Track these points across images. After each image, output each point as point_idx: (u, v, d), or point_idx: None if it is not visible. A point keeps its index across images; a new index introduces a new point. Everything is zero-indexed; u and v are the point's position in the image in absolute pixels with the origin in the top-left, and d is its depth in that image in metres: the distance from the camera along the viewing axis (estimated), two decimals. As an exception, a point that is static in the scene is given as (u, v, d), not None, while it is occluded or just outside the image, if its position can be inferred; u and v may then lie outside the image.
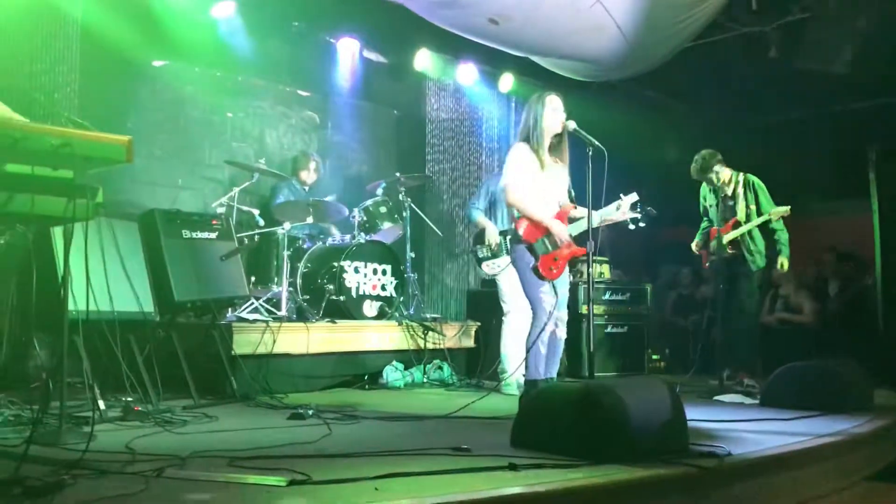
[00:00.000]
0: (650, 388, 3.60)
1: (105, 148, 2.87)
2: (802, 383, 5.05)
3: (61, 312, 3.40)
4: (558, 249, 4.58)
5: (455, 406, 4.77)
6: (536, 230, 4.57)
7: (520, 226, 4.59)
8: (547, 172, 4.65)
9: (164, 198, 6.41)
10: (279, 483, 2.69)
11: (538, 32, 6.39)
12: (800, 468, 3.69)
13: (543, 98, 4.66)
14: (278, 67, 7.53)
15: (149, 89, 6.71)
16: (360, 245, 6.50)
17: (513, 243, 4.67)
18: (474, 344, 6.94)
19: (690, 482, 3.13)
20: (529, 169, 4.61)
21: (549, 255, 4.55)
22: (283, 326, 5.62)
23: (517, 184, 4.59)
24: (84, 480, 2.70)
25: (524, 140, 4.67)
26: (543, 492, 2.73)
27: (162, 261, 4.86)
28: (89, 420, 3.53)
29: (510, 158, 4.69)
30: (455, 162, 8.61)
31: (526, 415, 3.71)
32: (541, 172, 4.62)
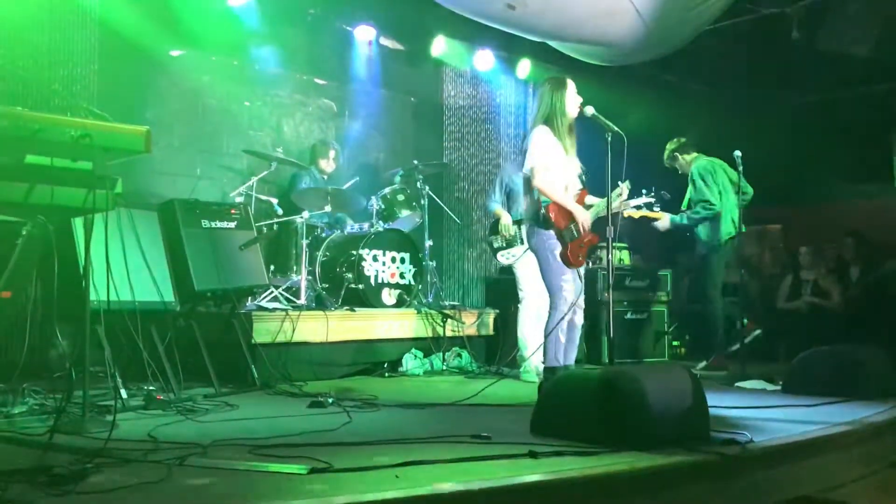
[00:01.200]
0: (671, 374, 3.58)
1: (124, 138, 2.88)
2: (825, 369, 4.99)
3: (83, 302, 3.43)
4: (581, 237, 4.55)
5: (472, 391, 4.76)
6: (564, 216, 4.53)
7: (550, 211, 4.51)
8: (568, 157, 4.62)
9: (183, 188, 6.43)
10: (300, 471, 2.70)
11: (555, 17, 6.34)
12: (823, 455, 3.66)
13: (565, 82, 4.62)
14: (295, 56, 7.53)
15: (166, 79, 6.73)
16: (379, 233, 6.50)
17: (539, 229, 4.58)
18: (493, 331, 6.93)
19: (712, 469, 3.11)
20: (554, 152, 4.55)
21: (575, 242, 4.52)
22: (303, 315, 5.64)
23: (544, 167, 4.51)
24: (108, 468, 2.73)
25: (545, 123, 4.61)
26: (564, 479, 2.72)
27: (182, 250, 4.88)
28: (112, 409, 3.57)
29: (535, 141, 4.57)
30: (473, 149, 8.58)
31: (546, 402, 3.70)
32: (564, 157, 4.58)
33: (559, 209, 4.52)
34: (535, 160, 4.53)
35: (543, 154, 4.53)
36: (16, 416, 3.74)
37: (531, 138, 4.61)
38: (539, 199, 4.57)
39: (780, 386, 5.32)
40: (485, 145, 8.67)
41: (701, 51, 7.46)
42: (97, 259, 3.33)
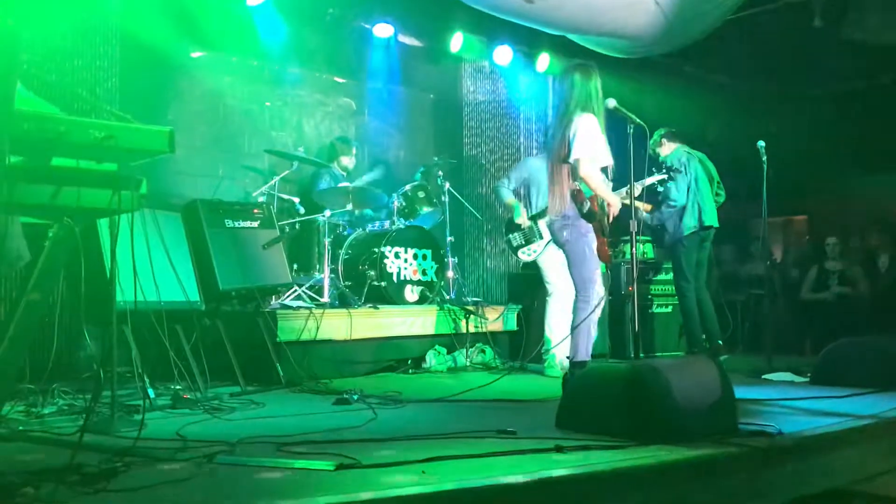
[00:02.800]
0: (698, 367, 3.55)
1: (147, 139, 2.90)
2: (855, 360, 4.93)
3: (110, 303, 3.45)
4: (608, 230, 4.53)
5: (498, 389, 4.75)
6: (602, 210, 4.48)
7: (594, 204, 4.44)
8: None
9: (206, 188, 6.48)
10: (327, 467, 2.71)
11: (574, 9, 6.32)
12: (853, 447, 3.61)
13: (595, 69, 4.56)
14: (314, 55, 7.56)
15: (188, 81, 6.78)
16: (400, 230, 6.51)
17: (578, 222, 4.49)
18: (517, 326, 6.92)
19: (741, 462, 3.08)
20: (601, 142, 4.44)
21: (606, 237, 4.50)
22: (326, 313, 5.65)
23: (591, 157, 4.40)
24: (137, 467, 2.75)
25: (587, 111, 4.48)
26: (591, 473, 2.71)
27: (206, 250, 4.92)
28: (140, 408, 3.60)
29: (584, 129, 4.41)
30: (493, 144, 8.57)
31: (571, 396, 3.69)
32: (606, 146, 4.52)
33: (600, 202, 4.47)
34: (583, 150, 4.39)
35: (592, 144, 4.41)
36: (46, 416, 3.79)
37: (579, 126, 4.44)
38: (581, 190, 4.46)
39: (808, 378, 5.27)
40: (504, 140, 8.65)
41: (721, 41, 7.38)
42: (123, 260, 3.35)
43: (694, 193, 6.34)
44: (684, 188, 6.36)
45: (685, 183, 6.37)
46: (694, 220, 6.32)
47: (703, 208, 6.32)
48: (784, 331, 7.76)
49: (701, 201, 6.34)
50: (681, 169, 6.34)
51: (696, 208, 6.33)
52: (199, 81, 6.86)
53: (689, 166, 6.39)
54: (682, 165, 6.38)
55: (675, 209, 6.36)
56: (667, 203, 6.40)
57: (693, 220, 6.32)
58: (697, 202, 6.33)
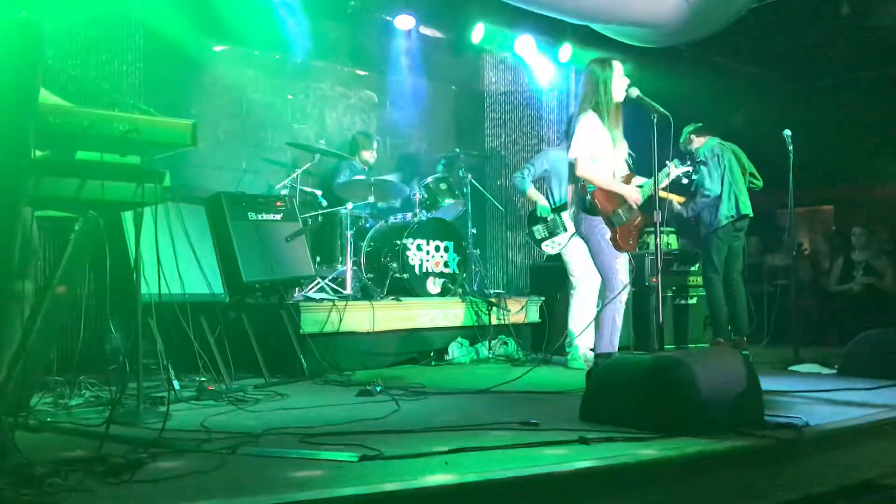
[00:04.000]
0: (723, 359, 3.51)
1: (170, 132, 2.91)
2: (883, 352, 4.86)
3: (135, 296, 3.48)
4: (632, 219, 4.50)
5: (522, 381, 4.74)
6: (611, 201, 4.47)
7: (596, 197, 4.45)
8: (616, 142, 4.55)
9: (229, 181, 6.52)
10: (351, 458, 2.72)
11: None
12: (882, 440, 3.56)
13: (611, 63, 4.54)
14: (336, 48, 7.56)
15: (210, 75, 6.81)
16: (423, 222, 6.51)
17: (587, 215, 4.52)
18: (539, 318, 6.90)
19: (767, 454, 3.05)
20: (600, 140, 4.48)
21: (625, 226, 4.46)
22: (349, 305, 5.67)
23: (589, 156, 4.45)
24: (162, 458, 2.78)
25: (592, 109, 4.53)
26: (616, 465, 2.70)
27: (230, 243, 4.94)
28: (165, 400, 3.63)
29: (580, 128, 4.49)
30: (515, 135, 8.53)
31: (595, 388, 3.67)
32: (611, 142, 4.51)
33: (606, 194, 4.46)
34: (580, 150, 4.46)
35: (589, 143, 4.46)
36: (73, 407, 3.84)
37: (577, 125, 4.53)
38: (585, 185, 4.51)
39: (835, 369, 5.20)
40: (527, 131, 8.61)
41: (746, 30, 7.29)
42: (147, 253, 3.38)
43: (729, 183, 6.35)
44: (718, 178, 6.36)
45: (719, 173, 6.37)
46: (731, 209, 6.34)
47: (738, 198, 6.34)
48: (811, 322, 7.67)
49: (737, 191, 6.35)
50: (707, 161, 6.32)
51: (732, 198, 6.35)
52: (222, 75, 6.89)
53: (722, 157, 6.40)
54: (714, 156, 6.38)
55: (710, 199, 6.36)
56: (701, 193, 6.40)
57: (731, 209, 6.34)
58: (734, 192, 6.35)
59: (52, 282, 3.04)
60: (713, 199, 6.35)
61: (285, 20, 6.88)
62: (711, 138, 6.56)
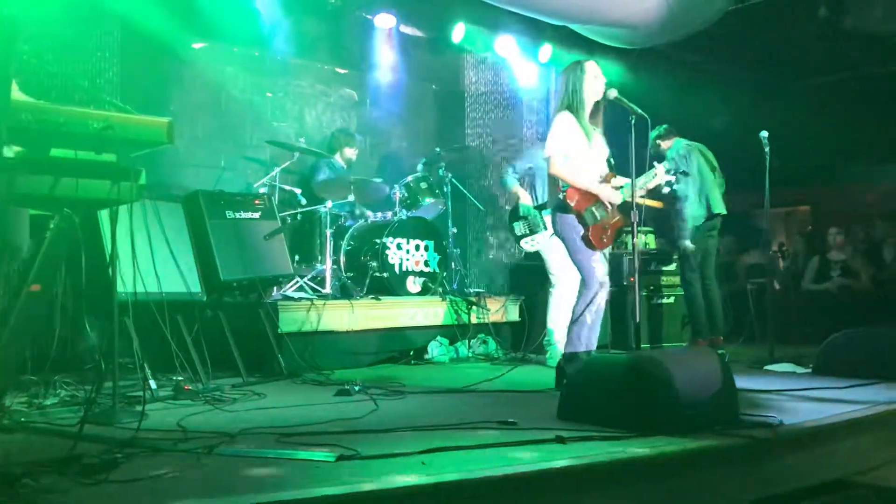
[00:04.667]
0: (699, 358, 3.54)
1: (146, 130, 2.90)
2: (856, 351, 4.92)
3: (111, 294, 3.46)
4: (607, 218, 4.52)
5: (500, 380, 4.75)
6: (585, 199, 4.50)
7: (569, 196, 4.49)
8: (591, 141, 4.59)
9: (208, 179, 6.46)
10: (328, 458, 2.71)
11: (577, 0, 6.28)
12: (855, 438, 3.61)
13: (583, 65, 4.59)
14: (316, 45, 7.53)
15: (189, 72, 6.76)
16: (402, 221, 6.50)
17: (560, 213, 4.56)
18: (519, 317, 6.91)
19: (742, 453, 3.08)
20: (574, 139, 4.53)
21: (598, 225, 4.48)
22: (328, 304, 5.65)
23: (563, 154, 4.51)
24: (138, 458, 2.76)
25: (566, 109, 4.58)
26: (592, 464, 2.71)
27: (207, 241, 4.91)
28: (141, 399, 3.60)
29: (554, 128, 4.58)
30: (495, 135, 8.54)
31: (573, 387, 3.69)
32: (585, 141, 4.55)
33: (579, 193, 4.50)
34: (553, 148, 4.53)
35: (562, 142, 4.52)
36: (48, 407, 3.79)
37: (553, 125, 4.61)
38: (559, 184, 4.55)
39: (810, 368, 5.26)
40: (507, 131, 8.62)
41: (725, 31, 7.35)
42: (123, 251, 3.35)
43: (699, 185, 6.38)
44: (688, 180, 6.38)
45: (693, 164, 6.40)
46: (702, 209, 6.36)
47: (709, 197, 6.37)
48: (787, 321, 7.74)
49: (707, 191, 6.38)
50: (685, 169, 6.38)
51: (703, 199, 6.38)
52: (201, 72, 6.84)
53: (690, 158, 6.41)
54: (682, 158, 6.40)
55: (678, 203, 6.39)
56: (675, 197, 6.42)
57: (701, 209, 6.36)
58: (704, 192, 6.38)
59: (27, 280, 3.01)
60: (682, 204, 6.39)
61: (265, 17, 6.84)
62: (678, 140, 6.60)
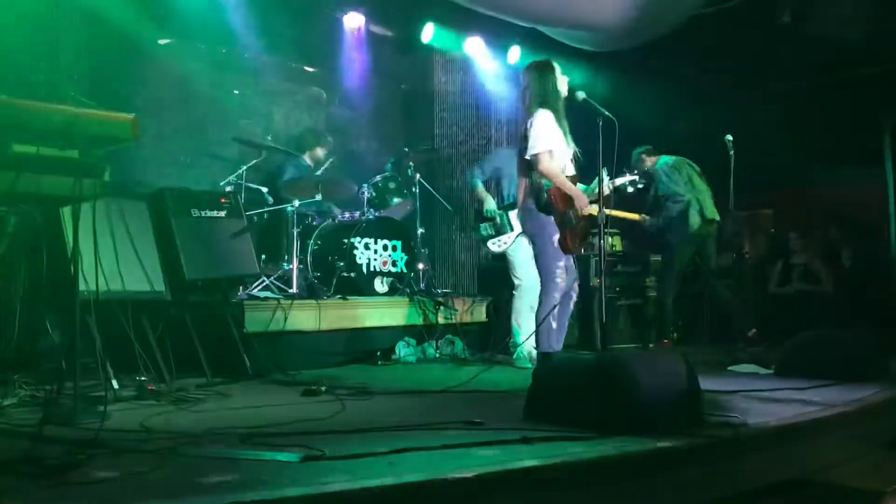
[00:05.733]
0: (663, 359, 3.57)
1: (110, 126, 2.86)
2: (818, 353, 5.00)
3: (72, 293, 3.40)
4: (581, 221, 4.55)
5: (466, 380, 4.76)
6: (565, 202, 4.51)
7: (552, 195, 4.48)
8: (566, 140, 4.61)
9: (173, 177, 6.41)
10: (293, 459, 2.69)
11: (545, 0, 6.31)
12: (816, 437, 3.67)
13: (552, 64, 4.62)
14: (284, 43, 7.47)
15: (155, 68, 6.68)
16: (370, 221, 6.48)
17: (539, 213, 4.55)
18: (486, 318, 6.93)
19: (705, 453, 3.11)
20: (558, 137, 4.53)
21: (573, 229, 4.50)
22: (295, 304, 5.62)
23: (549, 152, 4.48)
24: (99, 459, 2.71)
25: (545, 107, 4.56)
26: (557, 464, 2.72)
27: (172, 240, 4.85)
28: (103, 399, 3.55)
29: (539, 125, 4.51)
30: (464, 135, 8.55)
31: (539, 388, 3.70)
32: (564, 141, 4.56)
33: (561, 194, 4.50)
34: (542, 145, 4.48)
35: (549, 138, 4.49)
36: (6, 407, 3.72)
37: (535, 122, 4.54)
38: (541, 183, 4.53)
39: (772, 370, 5.33)
40: (476, 132, 8.64)
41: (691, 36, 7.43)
42: (86, 249, 3.30)
43: (693, 193, 6.61)
44: (684, 186, 6.63)
45: (682, 182, 6.64)
46: (697, 216, 6.57)
47: (703, 204, 6.60)
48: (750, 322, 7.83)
49: (701, 199, 6.61)
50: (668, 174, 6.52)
51: (696, 205, 6.60)
52: (167, 68, 6.75)
53: (680, 170, 6.67)
54: (674, 169, 6.67)
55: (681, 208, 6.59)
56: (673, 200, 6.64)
57: (696, 216, 6.57)
58: (697, 200, 6.61)
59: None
60: (685, 204, 6.58)
61: (232, 14, 6.78)
62: (663, 155, 6.81)
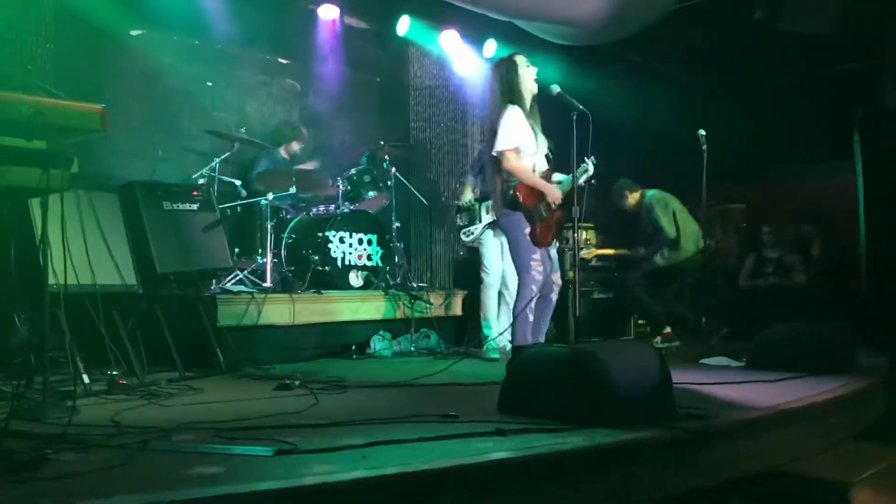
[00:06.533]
0: (636, 352, 3.60)
1: (79, 116, 2.82)
2: (788, 346, 5.06)
3: (41, 286, 3.35)
4: (551, 215, 4.57)
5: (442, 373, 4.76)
6: (533, 196, 4.53)
7: (518, 192, 4.50)
8: (537, 135, 4.62)
9: (144, 169, 6.30)
10: (266, 453, 2.68)
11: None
12: (785, 429, 3.72)
13: (513, 59, 4.62)
14: (258, 35, 7.41)
15: (126, 59, 6.58)
16: (345, 215, 6.46)
17: (509, 210, 4.57)
18: (461, 312, 6.94)
19: (677, 445, 3.14)
20: (524, 132, 4.54)
21: (544, 221, 4.52)
22: (269, 298, 5.58)
23: (515, 149, 4.50)
24: (68, 454, 2.68)
25: (512, 103, 4.56)
26: (531, 456, 2.73)
27: (143, 233, 4.80)
28: (73, 394, 3.50)
29: (505, 122, 4.51)
30: (440, 129, 8.52)
31: (513, 380, 3.71)
32: (532, 136, 4.57)
33: (528, 189, 4.52)
34: (507, 142, 4.49)
35: (515, 136, 4.49)
36: (-27, 402, 3.67)
37: (502, 119, 4.53)
38: (508, 179, 4.54)
39: (744, 362, 5.39)
40: (452, 126, 8.61)
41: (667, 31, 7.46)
42: (55, 241, 3.26)
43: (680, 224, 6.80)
44: (670, 221, 6.79)
45: (669, 216, 6.80)
46: (692, 245, 6.77)
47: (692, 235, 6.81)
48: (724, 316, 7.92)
49: (690, 230, 6.81)
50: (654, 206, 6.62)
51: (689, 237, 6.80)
52: (139, 60, 6.66)
53: (667, 204, 6.83)
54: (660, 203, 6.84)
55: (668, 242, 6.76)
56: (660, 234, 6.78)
57: (691, 245, 6.77)
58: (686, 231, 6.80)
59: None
60: (672, 240, 6.76)
61: (205, 5, 6.70)
62: (646, 190, 6.97)
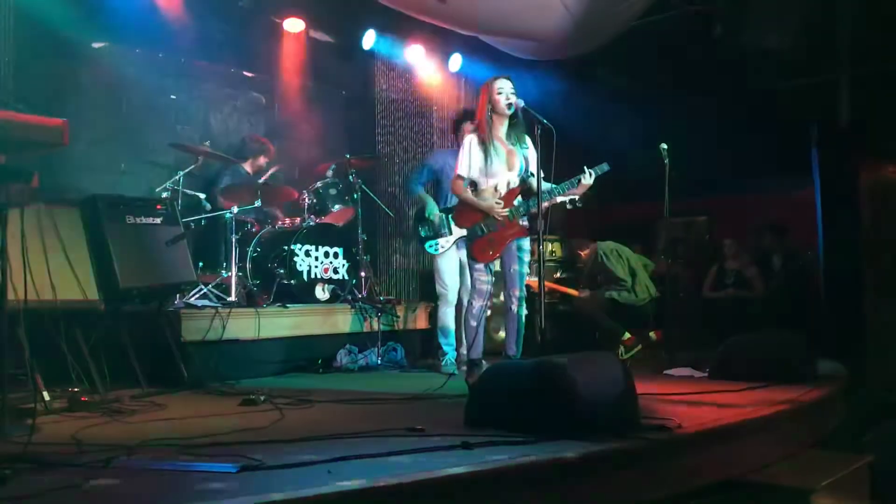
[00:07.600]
0: (601, 363, 3.63)
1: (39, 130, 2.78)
2: (750, 355, 5.14)
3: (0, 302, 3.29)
4: (496, 232, 4.69)
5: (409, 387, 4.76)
6: (474, 215, 4.81)
7: (457, 213, 4.97)
8: (497, 157, 4.73)
9: (107, 183, 6.23)
10: (230, 470, 2.65)
11: (485, 10, 6.38)
12: (748, 438, 3.77)
13: (489, 83, 4.81)
14: (223, 48, 7.37)
15: (89, 72, 6.53)
16: (311, 228, 6.43)
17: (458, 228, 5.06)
18: (428, 325, 6.93)
19: (641, 455, 3.17)
20: (476, 159, 4.80)
21: (483, 238, 4.77)
22: (233, 312, 5.53)
23: (460, 175, 4.85)
24: (27, 473, 2.63)
25: (473, 130, 4.90)
26: (496, 469, 2.74)
27: (105, 247, 4.72)
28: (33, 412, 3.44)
29: (462, 149, 4.88)
30: (406, 142, 8.55)
31: (479, 393, 3.72)
32: (483, 161, 4.77)
33: (464, 212, 4.88)
34: (458, 168, 4.88)
35: (464, 165, 4.85)
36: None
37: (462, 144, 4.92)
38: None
39: (706, 373, 5.45)
40: (417, 139, 8.64)
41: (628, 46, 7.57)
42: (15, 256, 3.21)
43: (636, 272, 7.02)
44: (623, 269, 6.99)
45: (623, 265, 7.00)
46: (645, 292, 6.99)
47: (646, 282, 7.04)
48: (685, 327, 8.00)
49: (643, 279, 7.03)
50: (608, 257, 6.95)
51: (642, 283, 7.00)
52: (101, 72, 6.60)
53: (621, 255, 7.03)
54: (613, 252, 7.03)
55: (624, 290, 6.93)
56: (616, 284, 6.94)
57: (644, 292, 6.98)
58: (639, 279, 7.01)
59: None
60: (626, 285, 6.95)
61: (169, 18, 6.66)
62: (599, 242, 7.17)
